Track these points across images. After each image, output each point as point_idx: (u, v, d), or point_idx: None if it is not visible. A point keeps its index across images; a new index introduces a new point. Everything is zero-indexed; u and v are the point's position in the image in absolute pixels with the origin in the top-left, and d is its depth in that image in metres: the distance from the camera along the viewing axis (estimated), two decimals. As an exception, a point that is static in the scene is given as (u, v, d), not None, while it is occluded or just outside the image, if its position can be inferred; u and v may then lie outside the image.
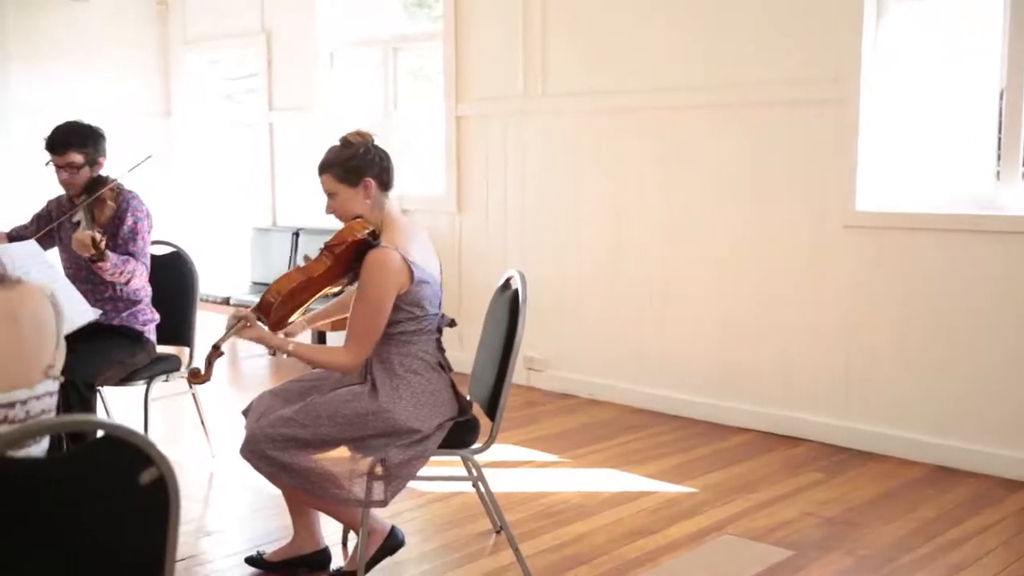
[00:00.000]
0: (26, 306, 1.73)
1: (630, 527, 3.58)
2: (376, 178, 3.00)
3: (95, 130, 3.89)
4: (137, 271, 3.81)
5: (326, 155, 3.03)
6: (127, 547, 1.61)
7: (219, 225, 7.49)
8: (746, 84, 4.67)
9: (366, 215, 3.00)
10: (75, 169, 3.81)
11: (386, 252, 2.89)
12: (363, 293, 2.90)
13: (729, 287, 4.83)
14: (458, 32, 5.81)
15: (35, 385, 1.73)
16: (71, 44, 7.08)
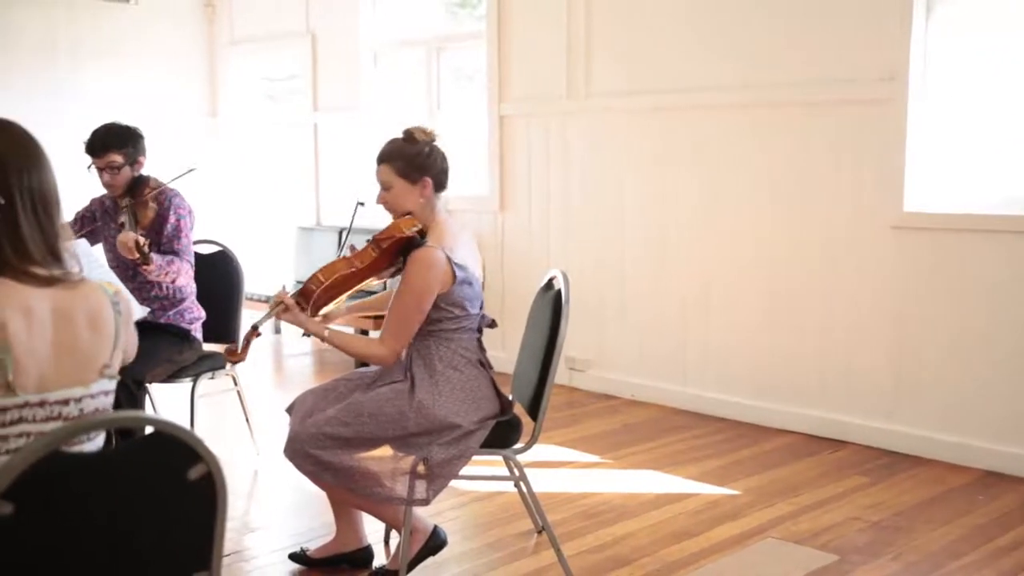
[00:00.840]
0: (86, 304, 1.76)
1: (672, 529, 3.56)
2: (434, 178, 3.02)
3: (133, 130, 3.95)
4: (182, 270, 3.87)
5: (388, 146, 3.04)
6: (175, 542, 1.64)
7: (264, 224, 7.56)
8: (792, 84, 4.63)
9: (417, 212, 3.01)
10: (116, 170, 3.87)
11: (432, 251, 2.90)
12: (404, 289, 2.92)
13: (773, 288, 4.78)
14: (501, 32, 5.81)
15: (90, 384, 1.75)
16: (120, 45, 7.19)
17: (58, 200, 1.77)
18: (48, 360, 1.69)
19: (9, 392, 1.63)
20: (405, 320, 2.92)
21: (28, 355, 1.65)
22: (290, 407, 3.17)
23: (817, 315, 4.64)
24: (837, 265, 4.55)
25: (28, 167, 1.71)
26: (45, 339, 1.69)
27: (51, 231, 1.74)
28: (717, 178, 4.95)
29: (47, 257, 1.73)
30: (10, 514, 1.42)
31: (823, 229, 4.58)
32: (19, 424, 1.65)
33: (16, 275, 1.68)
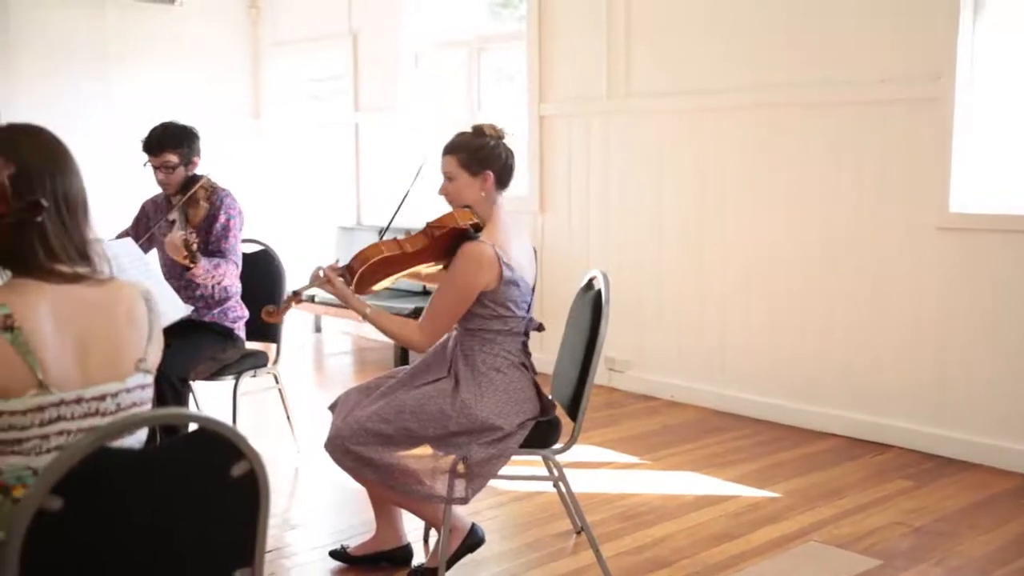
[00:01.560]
0: (116, 299, 1.78)
1: (712, 531, 3.54)
2: (497, 173, 3.04)
3: (189, 130, 4.00)
4: (228, 272, 3.90)
5: (455, 138, 3.07)
6: (218, 538, 1.66)
7: (305, 224, 7.62)
8: (836, 82, 4.58)
9: (476, 206, 3.02)
10: (171, 169, 3.93)
11: (482, 246, 2.91)
12: (449, 280, 2.93)
13: (815, 289, 4.74)
14: (542, 32, 5.81)
15: (126, 378, 1.77)
16: (165, 47, 7.29)
17: (86, 204, 1.80)
18: (79, 356, 1.71)
19: (44, 391, 1.66)
20: (445, 311, 2.93)
21: (56, 353, 1.68)
22: (333, 404, 3.20)
23: (860, 317, 4.58)
24: (881, 266, 4.50)
25: (56, 172, 1.74)
26: (74, 336, 1.71)
27: (78, 234, 1.77)
28: (758, 178, 4.91)
29: (75, 257, 1.75)
30: (59, 508, 1.45)
31: (866, 229, 4.53)
32: (58, 422, 1.68)
33: (42, 274, 1.71)
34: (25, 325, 1.64)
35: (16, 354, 1.63)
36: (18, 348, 1.63)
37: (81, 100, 6.80)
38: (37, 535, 1.45)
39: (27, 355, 1.64)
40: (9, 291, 1.69)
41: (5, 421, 1.65)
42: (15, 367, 1.63)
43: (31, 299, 1.68)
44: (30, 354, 1.64)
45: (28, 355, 1.64)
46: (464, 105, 6.55)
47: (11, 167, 1.67)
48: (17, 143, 1.74)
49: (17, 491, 1.67)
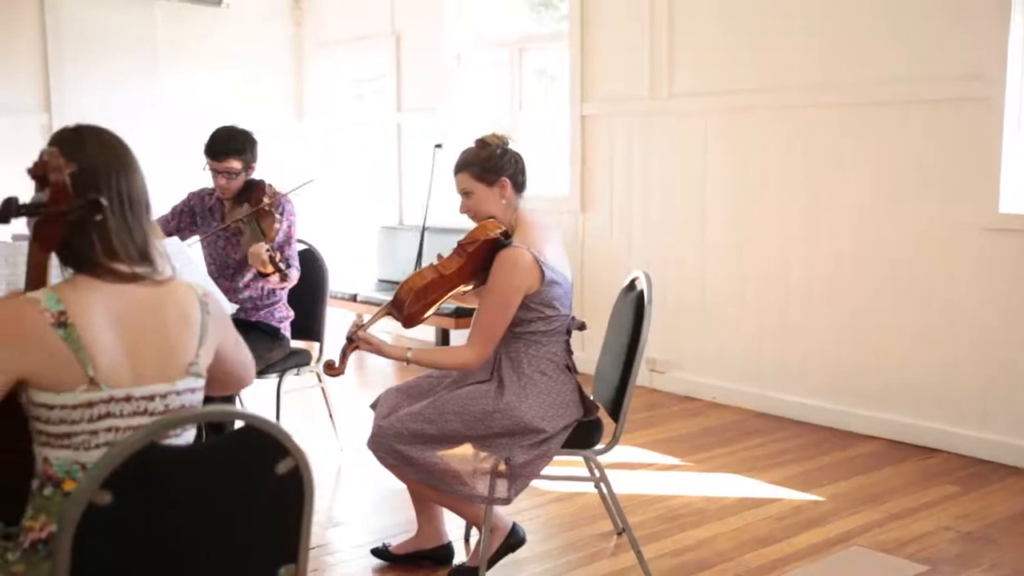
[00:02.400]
0: (172, 301, 1.80)
1: (754, 534, 3.51)
2: (512, 179, 3.03)
3: (251, 136, 4.04)
4: (293, 277, 3.97)
5: (462, 155, 3.07)
6: (264, 534, 1.68)
7: (347, 224, 7.68)
8: (882, 82, 4.52)
9: (500, 215, 3.02)
10: (233, 175, 3.97)
11: (517, 251, 2.91)
12: (490, 290, 2.93)
13: (859, 290, 4.68)
14: (584, 32, 5.80)
15: (175, 380, 1.79)
16: (212, 48, 7.37)
17: (148, 202, 1.82)
18: (130, 355, 1.73)
19: (94, 387, 1.68)
20: (492, 321, 2.94)
21: (108, 351, 1.70)
22: (374, 403, 3.22)
23: (906, 318, 4.52)
24: (927, 267, 4.43)
25: (118, 171, 1.77)
26: (126, 335, 1.73)
27: (139, 232, 1.79)
28: (801, 178, 4.86)
29: (135, 257, 1.77)
30: (109, 503, 1.48)
31: (913, 230, 4.47)
32: (107, 419, 1.70)
33: (98, 272, 1.73)
34: (78, 322, 1.67)
35: (68, 350, 1.66)
36: (70, 344, 1.66)
37: (129, 100, 6.89)
38: (87, 528, 1.48)
39: (79, 351, 1.66)
40: (66, 288, 1.72)
41: (56, 415, 1.68)
42: (67, 362, 1.66)
43: (85, 297, 1.71)
44: (82, 350, 1.67)
45: (80, 351, 1.66)
46: (505, 105, 6.56)
47: (72, 166, 1.70)
48: (79, 142, 1.76)
49: (68, 485, 1.70)
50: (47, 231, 1.70)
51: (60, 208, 1.68)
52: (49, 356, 1.65)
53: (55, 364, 1.66)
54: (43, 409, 1.68)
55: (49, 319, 1.66)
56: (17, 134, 6.48)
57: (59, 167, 1.68)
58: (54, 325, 1.66)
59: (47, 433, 1.70)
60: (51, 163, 1.68)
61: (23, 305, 1.67)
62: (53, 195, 1.67)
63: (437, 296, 3.02)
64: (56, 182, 1.67)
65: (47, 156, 1.69)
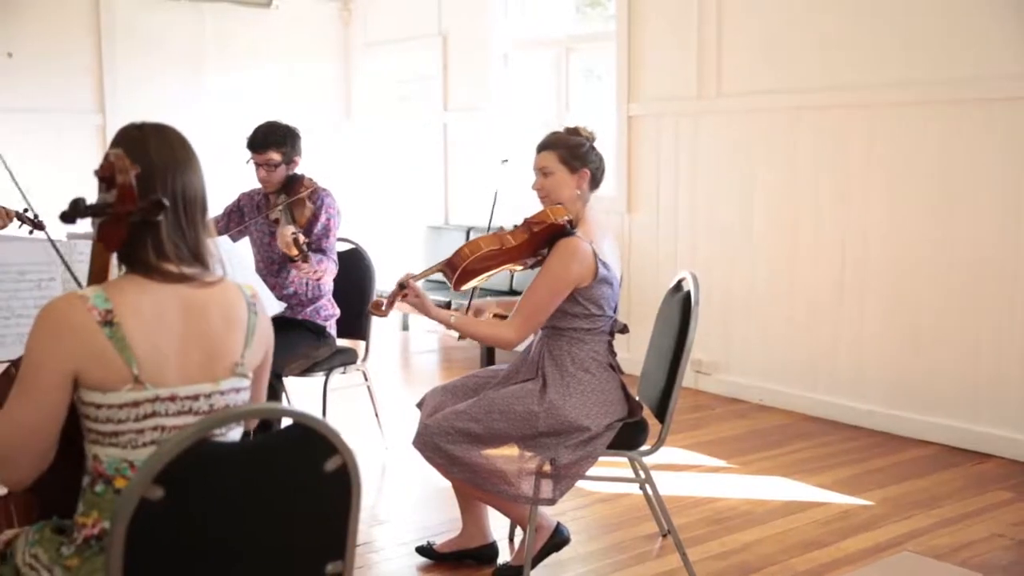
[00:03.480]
0: (219, 302, 1.82)
1: (801, 538, 3.47)
2: (592, 173, 3.04)
3: (292, 130, 4.09)
4: (329, 269, 4.00)
5: (552, 135, 3.09)
6: (312, 531, 1.69)
7: (394, 223, 7.72)
8: (940, 81, 4.44)
9: (569, 204, 3.02)
10: (273, 167, 4.02)
11: (579, 242, 2.92)
12: (544, 273, 2.93)
13: (912, 291, 4.61)
14: (631, 31, 5.78)
15: (220, 380, 1.80)
16: (261, 49, 7.46)
17: (204, 204, 1.84)
18: (175, 355, 1.75)
19: (139, 386, 1.70)
20: (538, 304, 2.93)
21: (152, 351, 1.72)
22: (420, 402, 3.23)
23: (961, 321, 4.44)
24: (982, 269, 4.35)
25: (177, 170, 1.78)
26: (173, 334, 1.75)
27: (193, 234, 1.80)
28: (853, 178, 4.80)
29: (187, 257, 1.79)
30: (160, 498, 1.50)
31: (967, 231, 4.39)
32: (152, 418, 1.72)
33: (148, 272, 1.75)
34: (124, 321, 1.69)
35: (113, 348, 1.68)
36: (116, 343, 1.68)
37: (180, 100, 7.00)
38: (139, 524, 1.50)
39: (123, 350, 1.68)
40: (114, 287, 1.74)
41: (103, 414, 1.70)
42: (112, 361, 1.68)
43: (133, 296, 1.73)
44: (126, 349, 1.68)
45: (124, 350, 1.68)
46: (552, 105, 6.55)
47: (137, 168, 1.72)
48: (143, 143, 1.78)
49: (119, 482, 1.72)
50: (112, 231, 1.73)
51: (126, 209, 1.70)
52: (95, 353, 1.68)
53: (100, 362, 1.68)
54: (91, 408, 1.71)
55: (96, 317, 1.68)
56: (73, 134, 6.62)
57: (125, 169, 1.70)
58: (100, 323, 1.68)
59: (96, 431, 1.72)
60: (118, 165, 1.70)
61: (72, 301, 1.70)
62: (120, 196, 1.69)
63: (492, 265, 3.03)
64: (123, 184, 1.69)
65: (113, 158, 1.71)
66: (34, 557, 1.74)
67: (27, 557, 1.75)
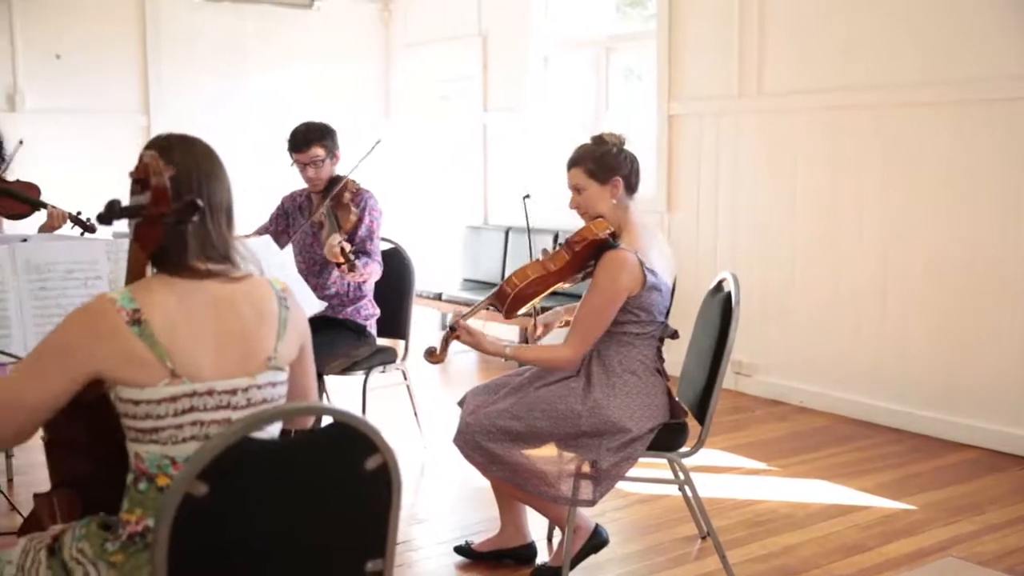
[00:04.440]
0: (249, 296, 1.84)
1: (842, 542, 3.44)
2: (625, 179, 3.02)
3: (328, 127, 4.13)
4: (374, 272, 4.03)
5: (578, 150, 3.07)
6: (352, 529, 1.70)
7: (433, 223, 7.74)
8: (980, 80, 4.37)
9: (609, 214, 3.01)
10: (319, 163, 4.05)
11: (624, 254, 2.91)
12: (594, 291, 2.93)
13: (955, 293, 4.54)
14: (672, 30, 5.75)
15: (256, 375, 1.82)
16: (302, 49, 7.52)
17: (231, 210, 1.88)
18: (209, 350, 1.77)
19: (175, 380, 1.72)
20: (593, 322, 2.93)
21: (187, 345, 1.74)
22: (462, 400, 3.23)
23: (1007, 323, 4.37)
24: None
25: (205, 180, 1.82)
26: (205, 330, 1.77)
27: (220, 239, 1.83)
28: (896, 178, 4.73)
29: (217, 256, 1.82)
30: (204, 495, 1.52)
31: (1011, 232, 4.32)
32: (191, 413, 1.74)
33: (175, 270, 1.78)
34: (151, 318, 1.72)
35: (144, 346, 1.71)
36: (146, 340, 1.71)
37: (222, 101, 7.07)
38: (183, 520, 1.52)
39: (154, 347, 1.71)
40: (140, 287, 1.78)
41: (142, 410, 1.73)
42: (145, 358, 1.71)
43: (160, 294, 1.76)
44: (157, 346, 1.71)
45: (155, 347, 1.71)
46: (591, 105, 6.54)
47: (171, 170, 1.75)
48: (176, 148, 1.82)
49: (161, 480, 1.74)
50: (147, 232, 1.76)
51: (160, 210, 1.73)
52: (126, 352, 1.70)
53: (133, 360, 1.71)
54: (130, 405, 1.73)
55: (124, 317, 1.71)
56: (118, 135, 6.71)
57: (160, 171, 1.73)
58: (129, 323, 1.71)
59: (135, 429, 1.75)
60: (152, 166, 1.73)
61: (101, 303, 1.73)
62: (154, 198, 1.72)
63: (539, 290, 3.05)
64: (157, 185, 1.72)
65: (148, 159, 1.74)
66: (80, 552, 1.77)
67: (74, 552, 1.78)
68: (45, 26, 6.53)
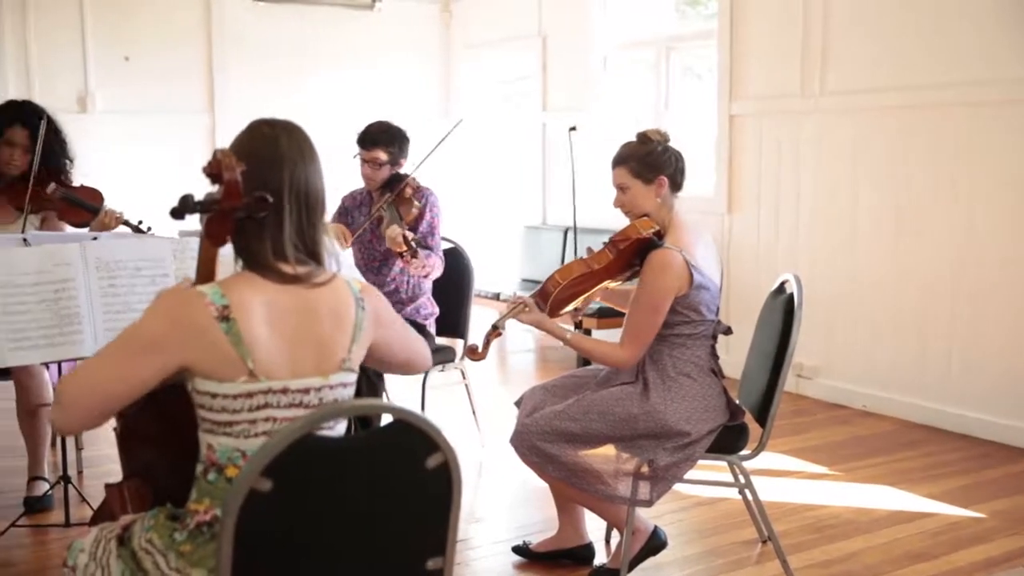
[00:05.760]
0: (329, 300, 1.86)
1: (907, 549, 3.37)
2: (670, 177, 3.00)
3: (403, 133, 4.17)
4: (436, 265, 4.06)
5: (622, 149, 3.06)
6: (413, 527, 1.71)
7: (492, 223, 7.76)
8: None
9: (654, 213, 3.00)
10: (378, 166, 4.10)
11: (669, 253, 2.88)
12: (642, 292, 2.91)
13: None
14: (733, 29, 5.69)
15: (329, 375, 1.84)
16: (363, 50, 7.59)
17: (323, 202, 1.89)
18: (287, 351, 1.79)
19: (253, 378, 1.75)
20: (643, 324, 2.91)
21: (265, 346, 1.76)
22: (519, 400, 3.24)
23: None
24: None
25: (303, 168, 1.84)
26: (284, 332, 1.79)
27: (311, 232, 1.85)
28: (966, 178, 4.63)
29: (304, 256, 1.84)
30: (269, 490, 1.54)
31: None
32: (265, 409, 1.77)
33: (264, 271, 1.80)
34: (239, 317, 1.75)
35: (229, 343, 1.73)
36: (231, 338, 1.73)
37: (284, 101, 7.13)
38: (248, 514, 1.54)
39: (238, 345, 1.73)
40: (230, 284, 1.80)
41: (218, 403, 1.76)
42: (228, 355, 1.73)
43: (248, 294, 1.78)
44: (241, 344, 1.74)
45: (239, 345, 1.74)
46: (651, 105, 6.50)
47: (243, 164, 1.77)
48: (258, 138, 1.84)
49: (230, 471, 1.77)
50: (217, 227, 1.78)
51: (231, 205, 1.76)
52: (211, 347, 1.73)
53: (216, 355, 1.73)
54: (207, 397, 1.76)
55: (213, 312, 1.74)
56: (184, 135, 6.85)
57: (232, 166, 1.76)
58: (217, 319, 1.73)
59: (210, 420, 1.78)
60: (224, 162, 1.76)
61: (191, 297, 1.76)
62: (226, 192, 1.75)
63: (583, 289, 3.03)
64: (229, 180, 1.75)
65: (220, 155, 1.77)
66: (149, 542, 1.80)
67: (143, 542, 1.81)
68: (115, 29, 6.69)
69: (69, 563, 1.90)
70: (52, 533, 3.47)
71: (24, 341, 3.00)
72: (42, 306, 3.02)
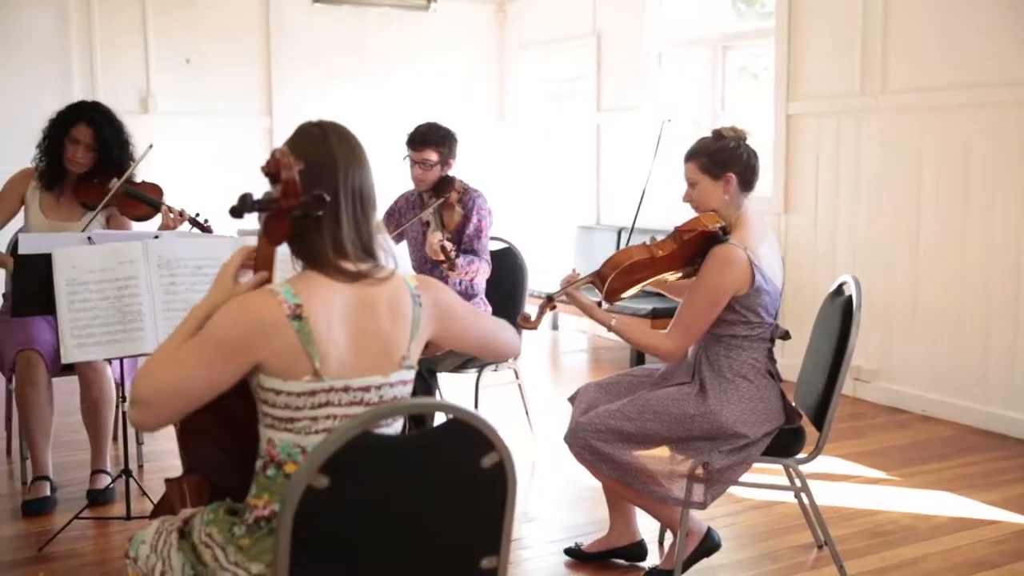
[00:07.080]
0: (388, 298, 1.87)
1: (968, 557, 3.30)
2: (739, 175, 2.97)
3: (451, 133, 4.18)
4: (480, 269, 4.07)
5: (695, 144, 3.04)
6: (468, 525, 1.72)
7: (546, 222, 7.76)
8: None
9: (721, 210, 2.97)
10: (428, 166, 4.12)
11: (733, 250, 2.86)
12: (700, 285, 2.89)
13: (1095, 301, 4.31)
14: (791, 27, 5.62)
15: (390, 373, 1.86)
16: (419, 50, 7.64)
17: (375, 200, 1.91)
18: (350, 349, 1.81)
19: (316, 378, 1.77)
20: (697, 317, 2.89)
21: (331, 345, 1.78)
22: (572, 396, 3.23)
23: None
24: None
25: (355, 167, 1.86)
26: (348, 330, 1.81)
27: (367, 229, 1.87)
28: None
29: (361, 254, 1.86)
30: (326, 487, 1.56)
31: None
32: (326, 407, 1.79)
33: (327, 270, 1.82)
34: (311, 316, 1.77)
35: (299, 342, 1.75)
36: (302, 336, 1.75)
37: (341, 102, 7.23)
38: (305, 510, 1.56)
39: (308, 344, 1.76)
40: (300, 283, 1.82)
41: (282, 400, 1.78)
42: (297, 353, 1.76)
43: (318, 293, 1.80)
44: (311, 344, 1.76)
45: (309, 344, 1.76)
46: (707, 105, 6.45)
47: (300, 163, 1.80)
48: (310, 139, 1.87)
49: (289, 467, 1.80)
50: (276, 225, 1.81)
51: (289, 203, 1.78)
52: (282, 345, 1.75)
53: (286, 353, 1.76)
54: (271, 394, 1.79)
55: (287, 310, 1.76)
56: (243, 136, 6.95)
57: (289, 165, 1.78)
58: (290, 317, 1.76)
59: (272, 416, 1.80)
60: (283, 161, 1.78)
61: (266, 296, 1.78)
62: (284, 191, 1.78)
63: (642, 277, 2.97)
64: (287, 179, 1.78)
65: (279, 155, 1.80)
66: (209, 536, 1.84)
67: (203, 536, 1.85)
68: (176, 32, 6.81)
69: (131, 554, 1.94)
70: (114, 525, 3.54)
71: (88, 338, 3.07)
72: (106, 303, 3.09)
